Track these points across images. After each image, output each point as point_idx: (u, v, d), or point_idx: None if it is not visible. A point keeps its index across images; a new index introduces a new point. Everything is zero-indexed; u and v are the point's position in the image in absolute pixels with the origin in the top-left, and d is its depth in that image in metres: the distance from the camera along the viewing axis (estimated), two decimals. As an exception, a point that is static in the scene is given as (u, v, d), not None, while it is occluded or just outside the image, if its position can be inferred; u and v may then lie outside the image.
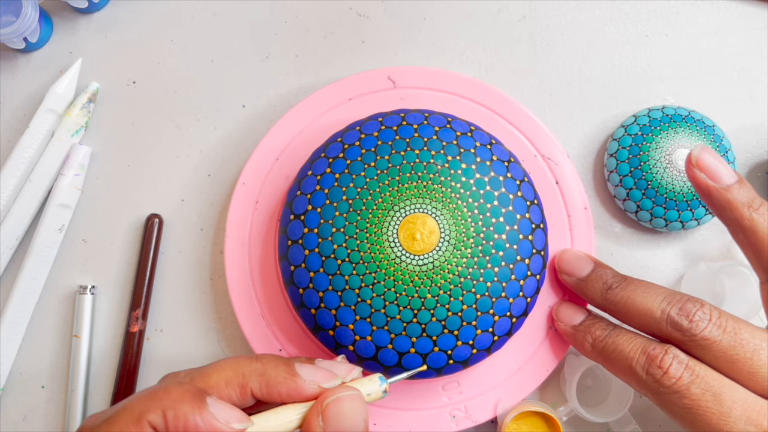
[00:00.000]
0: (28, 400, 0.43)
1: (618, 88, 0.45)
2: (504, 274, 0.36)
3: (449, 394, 0.40)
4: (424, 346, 0.36)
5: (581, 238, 0.41)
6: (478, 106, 0.42)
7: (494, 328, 0.36)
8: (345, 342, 0.36)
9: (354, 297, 0.36)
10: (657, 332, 0.34)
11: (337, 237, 0.36)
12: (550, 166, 0.41)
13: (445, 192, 0.36)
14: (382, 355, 0.36)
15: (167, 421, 0.28)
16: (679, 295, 0.34)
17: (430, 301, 0.36)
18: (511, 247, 0.36)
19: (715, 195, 0.34)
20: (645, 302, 0.35)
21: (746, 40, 0.45)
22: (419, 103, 0.42)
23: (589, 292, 0.38)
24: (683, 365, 0.32)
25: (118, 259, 0.43)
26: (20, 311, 0.42)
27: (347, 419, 0.30)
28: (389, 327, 0.36)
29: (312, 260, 0.36)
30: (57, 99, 0.43)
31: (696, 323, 0.33)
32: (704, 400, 0.32)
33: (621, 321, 0.37)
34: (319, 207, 0.37)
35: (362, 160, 0.37)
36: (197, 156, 0.44)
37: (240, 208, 0.41)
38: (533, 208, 0.37)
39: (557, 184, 0.41)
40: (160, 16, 0.45)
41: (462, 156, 0.37)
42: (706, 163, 0.35)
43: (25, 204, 0.42)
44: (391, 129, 0.38)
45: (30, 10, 0.41)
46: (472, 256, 0.36)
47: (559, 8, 0.45)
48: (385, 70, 0.42)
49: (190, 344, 0.43)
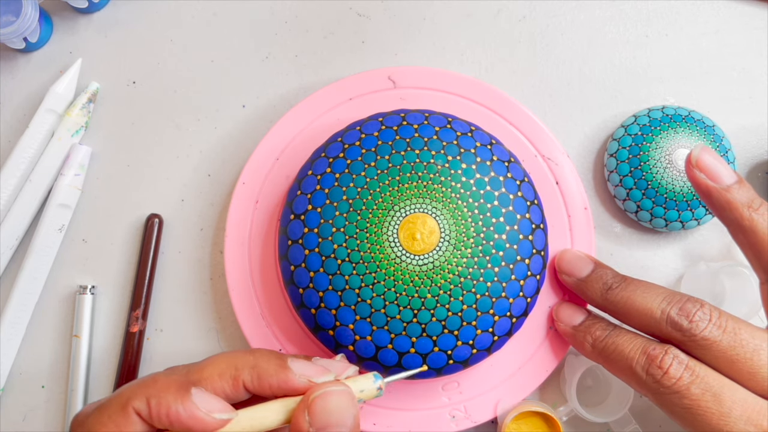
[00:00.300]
0: (28, 400, 0.43)
1: (618, 88, 0.45)
2: (504, 274, 0.36)
3: (449, 395, 0.40)
4: (424, 346, 0.36)
5: (581, 239, 0.41)
6: (478, 106, 0.42)
7: (494, 328, 0.36)
8: (345, 342, 0.36)
9: (354, 297, 0.36)
10: (657, 332, 0.34)
11: (337, 237, 0.36)
12: (550, 167, 0.41)
13: (446, 192, 0.36)
14: (382, 355, 0.36)
15: (150, 408, 0.29)
16: (679, 295, 0.34)
17: (430, 301, 0.36)
18: (511, 247, 0.36)
19: (715, 195, 0.34)
20: (645, 302, 0.35)
21: (746, 40, 0.45)
22: (419, 103, 0.42)
23: (589, 293, 0.38)
24: (683, 365, 0.32)
25: (118, 259, 0.43)
26: (20, 311, 0.42)
27: (334, 414, 0.29)
28: (389, 327, 0.36)
29: (312, 260, 0.36)
30: (57, 99, 0.43)
31: (696, 323, 0.33)
32: (704, 400, 0.32)
33: (621, 321, 0.37)
34: (320, 207, 0.37)
35: (362, 160, 0.37)
36: (197, 156, 0.44)
37: (240, 208, 0.41)
38: (533, 208, 0.37)
39: (557, 184, 0.41)
40: (160, 16, 0.45)
41: (462, 156, 0.37)
42: (705, 164, 0.35)
43: (25, 204, 0.42)
44: (392, 129, 0.38)
45: (30, 10, 0.41)
46: (472, 256, 0.36)
47: (559, 8, 0.45)
48: (385, 70, 0.42)
49: (190, 344, 0.43)
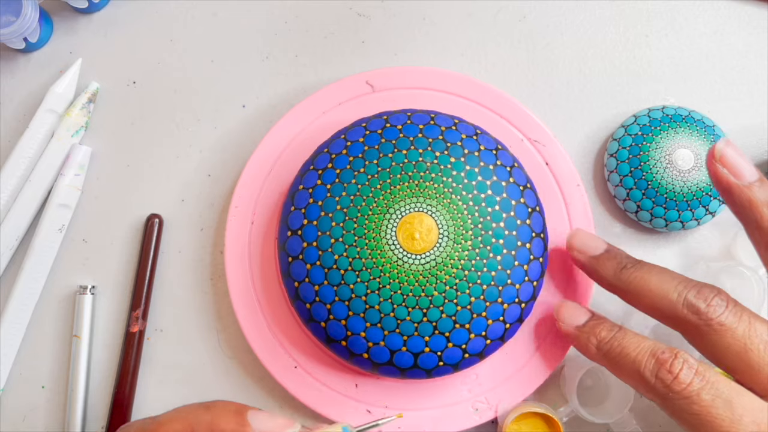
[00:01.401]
0: (28, 400, 0.43)
1: (618, 88, 0.45)
2: (507, 260, 0.36)
3: (469, 387, 0.40)
4: (438, 343, 0.36)
5: (578, 217, 0.41)
6: (462, 100, 0.42)
7: (504, 315, 0.36)
8: (359, 350, 0.36)
9: (362, 305, 0.36)
10: (671, 315, 0.34)
11: (337, 247, 0.36)
12: (537, 149, 0.41)
13: (438, 188, 0.36)
14: (397, 358, 0.36)
15: None
16: (696, 281, 0.34)
17: (437, 298, 0.36)
18: (510, 233, 0.36)
19: (736, 192, 0.33)
20: (661, 284, 0.34)
21: (746, 40, 0.45)
22: (399, 103, 0.42)
23: (602, 270, 0.37)
24: (693, 370, 0.32)
25: (118, 259, 0.43)
26: (20, 311, 0.42)
27: None
28: (401, 329, 0.36)
29: (315, 274, 0.36)
30: (57, 99, 0.43)
31: (713, 308, 0.32)
32: (714, 406, 0.31)
33: (631, 302, 0.36)
34: (315, 220, 0.37)
35: (351, 168, 0.37)
36: (197, 156, 0.44)
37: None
38: (527, 192, 0.37)
39: (547, 164, 0.41)
40: (160, 16, 0.45)
41: (450, 150, 0.37)
42: (729, 159, 0.34)
43: (25, 204, 0.42)
44: (376, 133, 0.38)
45: (30, 10, 0.41)
46: (473, 248, 0.36)
47: (559, 8, 0.45)
48: (362, 75, 0.42)
49: (190, 344, 0.43)
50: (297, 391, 0.40)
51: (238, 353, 0.43)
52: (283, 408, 0.42)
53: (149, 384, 0.43)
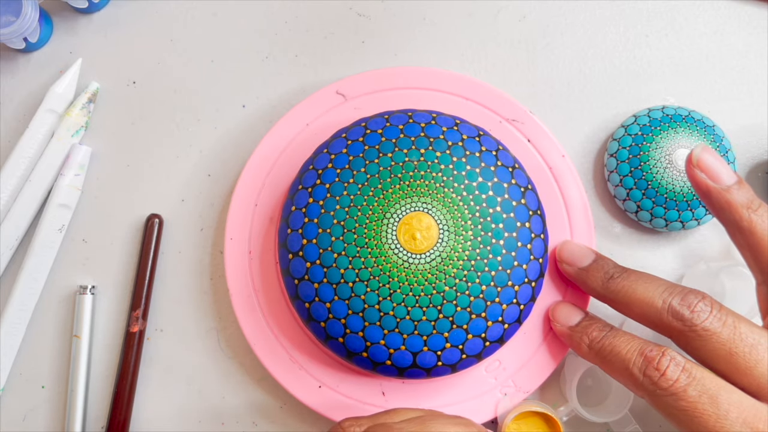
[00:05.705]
0: (28, 400, 0.43)
1: (618, 88, 0.45)
2: (509, 250, 0.36)
3: (495, 374, 0.40)
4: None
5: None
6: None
7: (517, 297, 0.37)
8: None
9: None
10: (657, 322, 0.34)
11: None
12: (517, 127, 0.41)
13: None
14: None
15: None
16: (681, 287, 0.34)
17: (450, 293, 0.36)
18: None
19: (715, 195, 0.34)
20: (646, 292, 0.35)
21: (746, 40, 0.45)
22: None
23: (590, 282, 0.38)
24: (680, 367, 0.32)
25: (118, 259, 0.43)
26: (20, 311, 0.42)
27: None
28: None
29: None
30: (57, 99, 0.43)
31: (697, 314, 0.33)
32: (701, 402, 0.32)
33: (621, 311, 0.37)
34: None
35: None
36: (197, 156, 0.44)
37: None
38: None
39: (529, 141, 0.41)
40: (160, 16, 0.45)
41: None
42: (706, 163, 0.35)
43: (25, 204, 0.42)
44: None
45: (30, 10, 0.41)
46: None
47: (559, 8, 0.45)
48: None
49: (190, 344, 0.43)
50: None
51: (238, 353, 0.43)
52: (283, 408, 0.42)
53: (149, 384, 0.43)
